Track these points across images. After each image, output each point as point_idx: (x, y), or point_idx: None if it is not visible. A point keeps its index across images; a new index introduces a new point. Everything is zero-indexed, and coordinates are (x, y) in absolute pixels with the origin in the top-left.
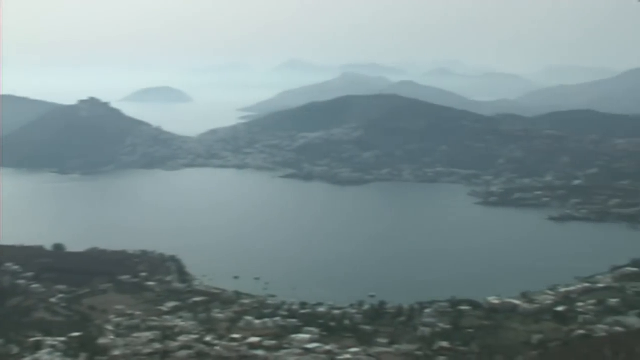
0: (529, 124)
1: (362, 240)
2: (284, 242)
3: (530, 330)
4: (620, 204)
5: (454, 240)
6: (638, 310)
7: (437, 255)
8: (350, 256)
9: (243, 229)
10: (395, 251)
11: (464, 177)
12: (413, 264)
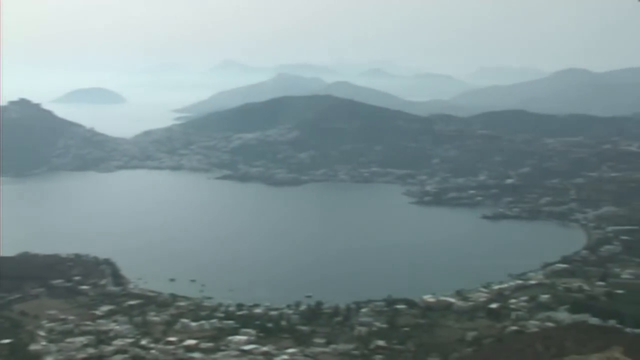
0: (462, 124)
1: (298, 240)
2: (220, 244)
3: (465, 327)
4: (551, 202)
5: (390, 239)
6: (568, 306)
7: (373, 255)
8: (287, 257)
9: (178, 231)
10: (332, 251)
11: (399, 177)
12: (349, 264)
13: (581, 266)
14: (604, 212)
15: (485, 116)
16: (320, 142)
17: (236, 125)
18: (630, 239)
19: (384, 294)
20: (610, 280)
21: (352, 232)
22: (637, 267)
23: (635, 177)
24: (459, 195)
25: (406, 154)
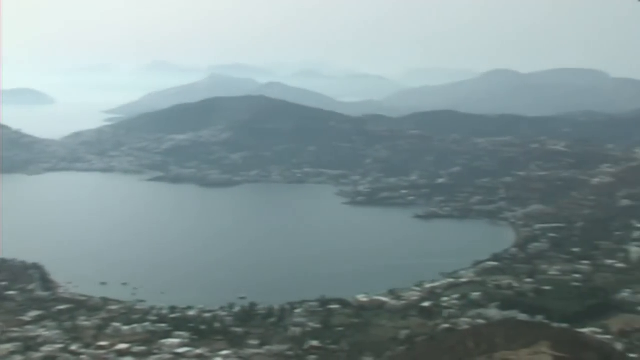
0: (394, 124)
1: (232, 242)
2: (152, 246)
3: (398, 326)
4: (481, 201)
5: (323, 239)
6: (498, 303)
7: (306, 255)
8: (221, 258)
9: (109, 234)
10: (266, 252)
11: (332, 178)
12: (283, 265)
13: (510, 264)
14: (532, 210)
15: (416, 116)
16: (253, 143)
17: (168, 126)
18: (557, 236)
19: (318, 294)
20: (538, 277)
21: (286, 233)
22: (564, 263)
23: (562, 176)
24: (391, 195)
25: (339, 155)
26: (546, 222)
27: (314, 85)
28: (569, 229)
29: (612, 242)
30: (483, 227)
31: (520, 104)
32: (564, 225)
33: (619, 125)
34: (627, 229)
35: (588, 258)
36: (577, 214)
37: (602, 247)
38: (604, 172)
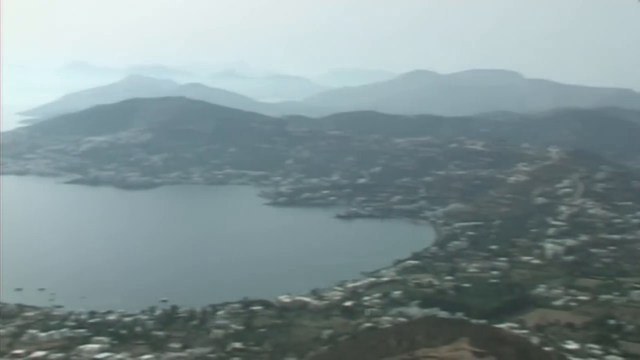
0: (315, 125)
1: (153, 244)
2: (70, 250)
3: (321, 326)
4: (402, 200)
5: (245, 241)
6: (418, 301)
7: (228, 257)
8: (142, 262)
9: (25, 238)
10: (187, 255)
11: (253, 179)
12: (205, 267)
13: (431, 262)
14: (451, 209)
15: (337, 117)
16: (173, 145)
17: (86, 128)
18: (475, 234)
19: (240, 296)
20: (458, 275)
21: (207, 235)
22: (482, 261)
23: (480, 175)
24: (312, 195)
25: (260, 156)
26: (465, 221)
27: (235, 86)
28: (487, 227)
29: (528, 239)
30: (404, 226)
31: (439, 104)
32: (482, 223)
33: (533, 124)
34: (542, 226)
35: (505, 255)
36: (495, 212)
37: (518, 244)
38: (520, 170)
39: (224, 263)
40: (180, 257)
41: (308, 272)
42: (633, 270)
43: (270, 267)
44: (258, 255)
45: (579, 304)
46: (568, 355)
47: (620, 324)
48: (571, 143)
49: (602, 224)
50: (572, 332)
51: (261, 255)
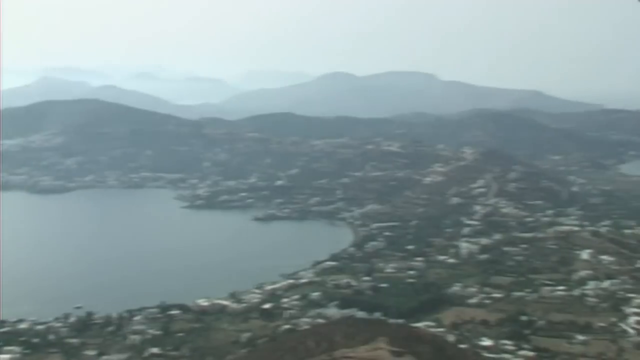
0: (232, 127)
1: (66, 250)
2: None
3: (239, 329)
4: (320, 202)
5: (162, 245)
6: (337, 302)
7: (145, 261)
8: (55, 268)
9: None
10: (102, 259)
11: (170, 182)
12: (121, 272)
13: (349, 263)
14: (368, 210)
15: (254, 119)
16: (87, 148)
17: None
18: (392, 234)
19: (158, 301)
20: (375, 275)
21: (123, 239)
22: (399, 261)
23: (397, 176)
24: (230, 198)
25: (177, 158)
26: (382, 221)
27: (151, 88)
28: (404, 227)
29: (444, 238)
30: (322, 227)
31: (356, 106)
32: (398, 223)
33: (448, 125)
34: (457, 226)
35: (422, 255)
36: (411, 213)
37: (434, 244)
38: (435, 171)
39: (141, 268)
40: (96, 262)
41: (226, 275)
42: (543, 268)
43: (188, 270)
44: (176, 259)
45: (493, 302)
46: (483, 352)
47: (531, 319)
48: (485, 144)
49: (515, 222)
50: (487, 329)
51: (179, 259)
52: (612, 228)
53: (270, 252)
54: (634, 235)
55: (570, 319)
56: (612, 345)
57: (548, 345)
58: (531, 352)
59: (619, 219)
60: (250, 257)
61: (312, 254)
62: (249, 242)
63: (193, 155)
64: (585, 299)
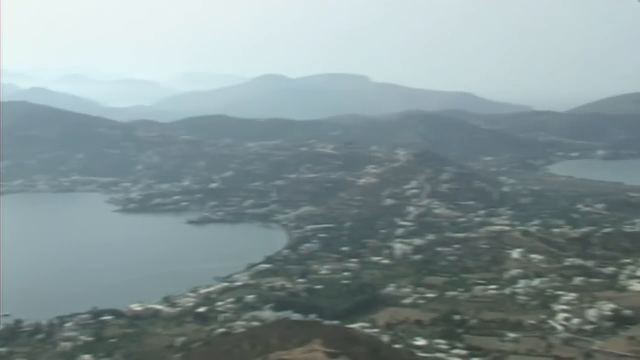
0: (165, 130)
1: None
2: None
3: (174, 333)
4: (254, 204)
5: (94, 250)
6: (272, 304)
7: (77, 267)
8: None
9: None
10: (32, 265)
11: (102, 185)
12: (52, 277)
13: (283, 265)
14: (302, 212)
15: (187, 121)
16: (15, 152)
17: None
18: (327, 236)
19: (90, 306)
20: (310, 277)
21: (54, 244)
22: (334, 262)
23: (331, 178)
24: (163, 201)
25: (109, 162)
26: (317, 223)
27: (82, 90)
28: (338, 229)
29: (378, 239)
30: (256, 230)
31: (290, 108)
32: (333, 225)
33: (381, 127)
34: (391, 227)
35: (356, 256)
36: (346, 214)
37: (368, 245)
38: (369, 172)
39: (72, 273)
40: (25, 268)
41: (160, 279)
42: (475, 267)
43: (121, 275)
44: (108, 264)
45: (427, 301)
46: (416, 351)
47: (464, 318)
48: (417, 145)
49: (447, 223)
50: (420, 328)
51: (111, 264)
52: (542, 227)
53: (205, 255)
54: (562, 234)
55: (501, 317)
56: (541, 342)
57: (480, 343)
58: (464, 351)
59: (548, 218)
60: (185, 261)
61: (246, 256)
62: (182, 245)
63: (125, 159)
64: (515, 297)
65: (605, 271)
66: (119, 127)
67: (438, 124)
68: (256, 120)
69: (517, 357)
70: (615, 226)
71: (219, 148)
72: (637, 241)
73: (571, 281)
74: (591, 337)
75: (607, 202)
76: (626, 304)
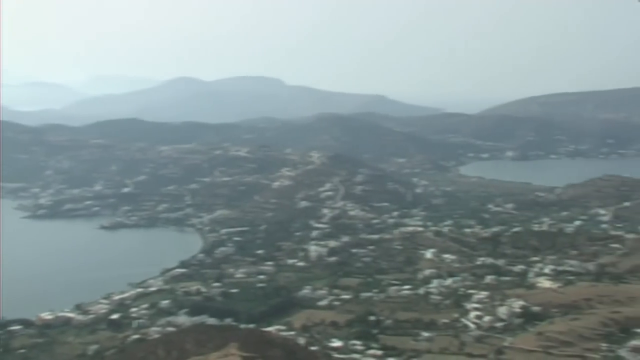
0: (76, 134)
1: None
2: None
3: (86, 341)
4: (168, 209)
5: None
6: (187, 309)
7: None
8: None
9: None
10: None
11: (10, 191)
12: None
13: (198, 269)
14: (217, 215)
15: (99, 125)
16: None
17: None
18: (242, 239)
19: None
20: (226, 281)
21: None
22: (249, 265)
23: (245, 181)
24: (75, 206)
25: (17, 167)
26: (231, 227)
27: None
28: (253, 232)
29: (293, 242)
30: (170, 234)
31: (204, 111)
32: (248, 228)
33: (295, 130)
34: (306, 229)
35: (271, 259)
36: (261, 217)
37: (284, 248)
38: (283, 175)
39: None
40: None
41: (72, 286)
42: (390, 268)
43: (30, 283)
44: (16, 272)
45: (342, 303)
46: (332, 353)
47: (379, 319)
48: (331, 147)
49: (362, 224)
50: (336, 330)
51: (20, 272)
52: (454, 227)
53: (118, 260)
54: (473, 233)
55: (415, 316)
56: (454, 340)
57: (395, 343)
58: (379, 351)
59: (459, 218)
60: (97, 267)
61: (161, 261)
62: (95, 251)
63: (34, 164)
64: (429, 297)
65: (515, 269)
66: (27, 131)
67: (352, 127)
68: (170, 123)
69: (431, 355)
70: (524, 225)
71: (131, 152)
72: (545, 239)
73: (483, 280)
74: (502, 334)
75: (516, 201)
76: (535, 301)
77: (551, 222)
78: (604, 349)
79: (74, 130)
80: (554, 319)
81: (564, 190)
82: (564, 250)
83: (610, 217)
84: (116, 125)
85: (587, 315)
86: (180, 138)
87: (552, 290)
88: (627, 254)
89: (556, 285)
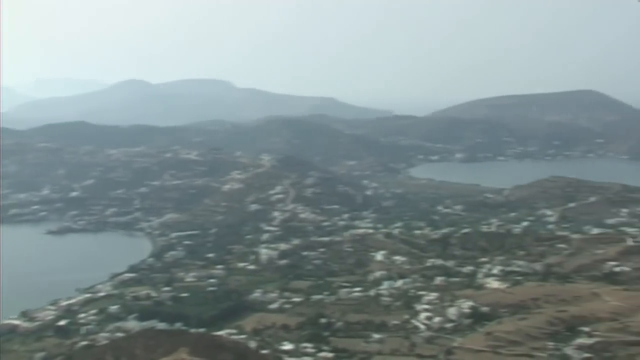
0: (22, 137)
1: None
2: None
3: (32, 349)
4: (117, 213)
5: None
6: (136, 314)
7: None
8: None
9: None
10: None
11: None
12: None
13: (148, 274)
14: (167, 219)
15: (46, 129)
16: None
17: None
18: (192, 243)
19: None
20: (176, 285)
21: None
22: (199, 269)
23: (195, 184)
24: (21, 211)
25: None
26: (181, 230)
27: None
28: (203, 236)
29: (244, 245)
30: (119, 239)
31: (152, 114)
32: (198, 232)
33: (245, 132)
34: (256, 232)
35: (222, 263)
36: (211, 221)
37: (234, 251)
38: (234, 178)
39: None
40: None
41: (17, 292)
42: (341, 270)
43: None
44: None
45: (293, 306)
46: (284, 356)
47: (330, 321)
48: (281, 150)
49: (313, 227)
50: (287, 333)
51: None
52: (404, 229)
53: (66, 266)
54: (423, 235)
55: (366, 318)
56: (405, 341)
57: (346, 345)
58: (330, 354)
59: (409, 220)
60: (44, 273)
61: (109, 266)
62: (42, 256)
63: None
64: (380, 299)
65: (464, 270)
66: None
67: (302, 129)
68: (118, 126)
69: (382, 357)
70: (473, 226)
71: (79, 156)
72: (493, 240)
73: (432, 281)
74: (452, 335)
75: (465, 203)
76: (483, 301)
77: (499, 223)
78: (551, 347)
79: (20, 133)
80: (502, 319)
81: (512, 191)
82: (512, 250)
83: (557, 217)
84: (63, 129)
85: (535, 314)
86: (129, 141)
87: (500, 290)
88: (572, 254)
89: (504, 285)
